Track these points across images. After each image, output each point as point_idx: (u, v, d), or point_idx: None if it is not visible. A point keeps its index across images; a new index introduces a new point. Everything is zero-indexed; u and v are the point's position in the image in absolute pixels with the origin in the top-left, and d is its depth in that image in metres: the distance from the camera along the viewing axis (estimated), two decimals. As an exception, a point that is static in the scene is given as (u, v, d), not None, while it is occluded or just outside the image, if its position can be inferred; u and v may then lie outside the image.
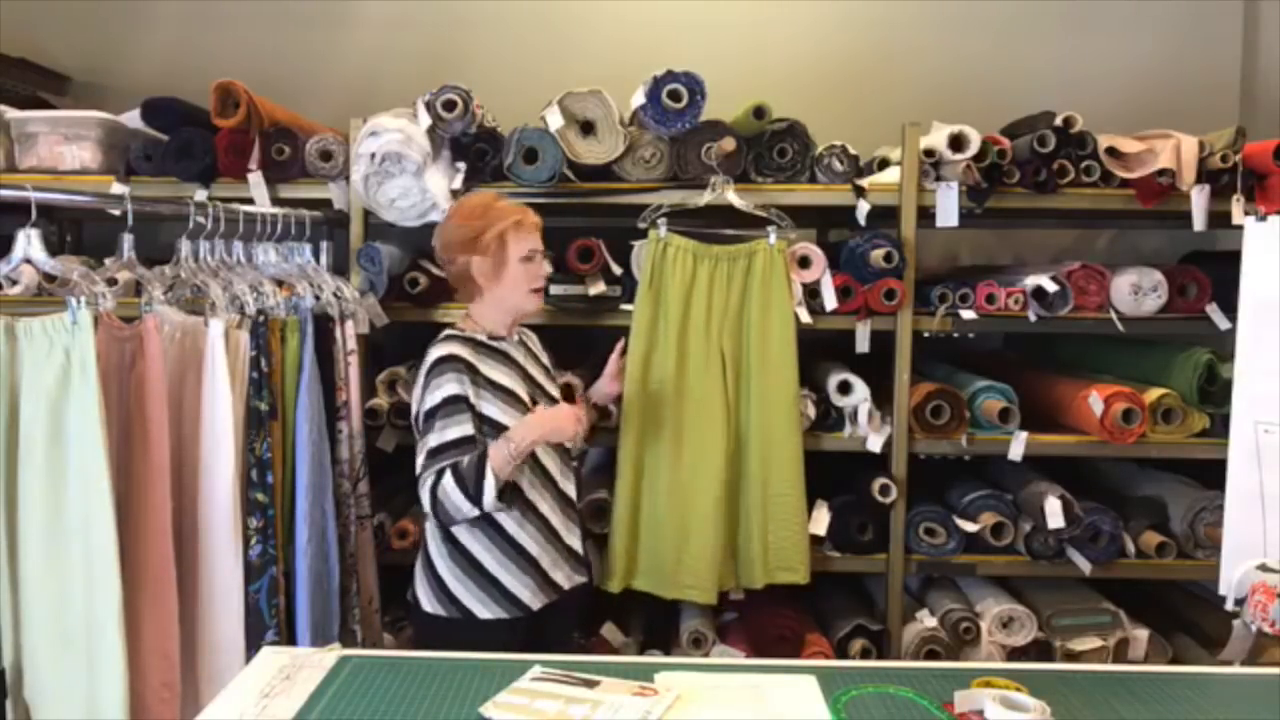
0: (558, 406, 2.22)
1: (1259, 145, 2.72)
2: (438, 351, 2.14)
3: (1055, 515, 2.74)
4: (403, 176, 2.66)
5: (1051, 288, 2.77)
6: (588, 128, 2.75)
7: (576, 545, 2.30)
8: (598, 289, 2.78)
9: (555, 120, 2.69)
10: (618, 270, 2.79)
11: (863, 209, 2.77)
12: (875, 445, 2.81)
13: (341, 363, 2.47)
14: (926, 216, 2.79)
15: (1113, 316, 2.81)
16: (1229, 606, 2.17)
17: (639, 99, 2.67)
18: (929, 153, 2.76)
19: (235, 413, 2.05)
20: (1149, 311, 2.83)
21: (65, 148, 2.80)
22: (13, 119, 2.83)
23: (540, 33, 3.54)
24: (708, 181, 2.71)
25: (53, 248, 1.94)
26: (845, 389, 2.82)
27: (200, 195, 2.70)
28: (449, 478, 2.03)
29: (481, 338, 2.21)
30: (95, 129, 2.81)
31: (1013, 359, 3.50)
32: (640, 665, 1.77)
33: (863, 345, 2.81)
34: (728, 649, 2.81)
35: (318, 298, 2.41)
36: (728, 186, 2.71)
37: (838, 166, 2.78)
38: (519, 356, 2.27)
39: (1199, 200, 2.74)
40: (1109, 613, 2.90)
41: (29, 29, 3.49)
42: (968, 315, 2.80)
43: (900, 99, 3.32)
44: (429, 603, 2.18)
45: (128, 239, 2.02)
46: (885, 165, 2.89)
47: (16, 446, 1.76)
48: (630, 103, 2.70)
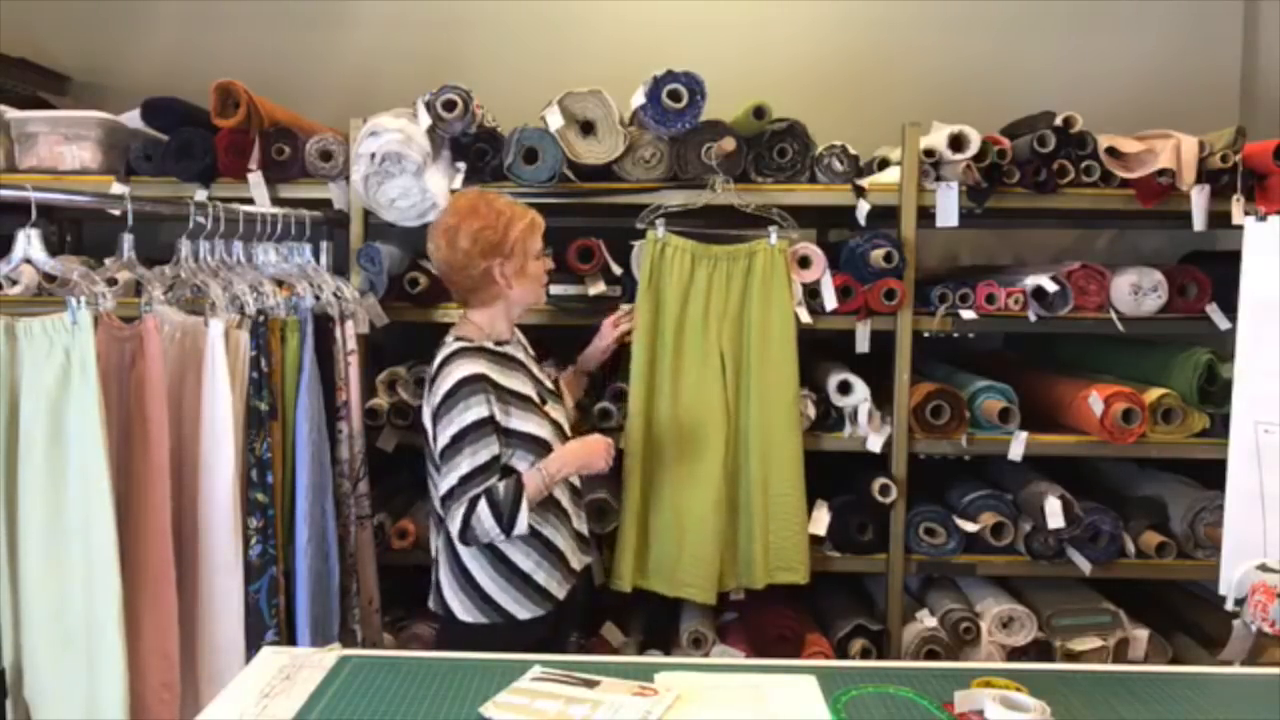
0: (592, 438, 2.23)
1: (1259, 145, 2.72)
2: (460, 370, 2.10)
3: (1055, 515, 2.74)
4: (403, 176, 2.66)
5: (1051, 288, 2.77)
6: (588, 128, 2.75)
7: (583, 528, 2.34)
8: (598, 289, 2.78)
9: (555, 120, 2.69)
10: (618, 270, 2.79)
11: (863, 209, 2.77)
12: (875, 445, 2.81)
13: (341, 363, 2.47)
14: (926, 216, 2.79)
15: (1113, 316, 2.81)
16: (1229, 606, 2.17)
17: (639, 99, 2.67)
18: (929, 153, 2.76)
19: (235, 413, 2.04)
20: (1149, 311, 2.83)
21: (65, 148, 2.79)
22: (13, 119, 2.83)
23: (540, 33, 3.54)
24: (708, 181, 2.71)
25: (53, 248, 1.95)
26: (845, 389, 2.82)
27: (200, 195, 2.70)
28: (484, 505, 2.05)
29: (490, 345, 2.21)
30: (95, 129, 2.81)
31: (1013, 359, 3.50)
32: (640, 665, 1.77)
33: (863, 345, 2.81)
34: (728, 649, 2.81)
35: (318, 298, 2.40)
36: (728, 187, 2.71)
37: (838, 166, 2.78)
38: (522, 357, 2.28)
39: (1199, 200, 2.74)
40: (1109, 613, 2.90)
41: (29, 29, 3.49)
42: (968, 315, 2.80)
43: (900, 99, 3.32)
44: (467, 613, 2.17)
45: (128, 239, 2.02)
46: (885, 165, 2.89)
47: (16, 446, 1.76)
48: (630, 103, 2.70)
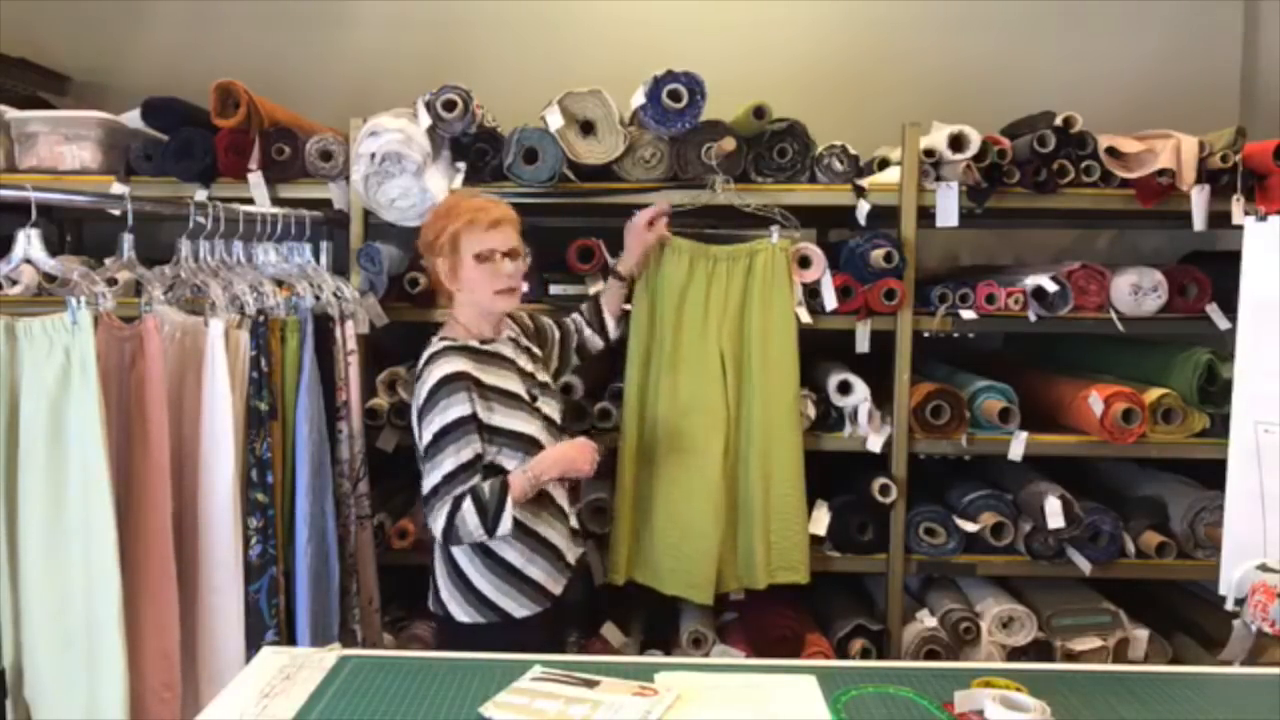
0: (578, 441, 2.23)
1: (1259, 145, 2.72)
2: (441, 369, 2.11)
3: (1055, 515, 2.74)
4: (403, 176, 2.66)
5: (1051, 288, 2.77)
6: (588, 128, 2.74)
7: (574, 522, 2.35)
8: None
9: (555, 120, 2.69)
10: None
11: (863, 209, 2.77)
12: (875, 445, 2.81)
13: (341, 363, 2.47)
14: (926, 216, 2.79)
15: (1113, 316, 2.81)
16: (1229, 606, 2.17)
17: (639, 99, 2.67)
18: (929, 153, 2.76)
19: (235, 413, 2.05)
20: (1149, 311, 2.83)
21: (65, 148, 2.79)
22: (13, 119, 2.83)
23: (540, 33, 3.54)
24: (708, 181, 2.71)
25: (53, 248, 1.94)
26: (845, 389, 2.82)
27: (200, 195, 2.70)
28: (469, 506, 2.05)
29: (474, 343, 2.20)
30: (95, 129, 2.81)
31: (1013, 359, 3.50)
32: (640, 665, 1.76)
33: (863, 345, 2.80)
34: (728, 649, 2.81)
35: (318, 298, 2.40)
36: (728, 187, 2.71)
37: (838, 166, 2.78)
38: (511, 354, 2.26)
39: (1199, 200, 2.74)
40: (1109, 613, 2.90)
41: (29, 29, 3.49)
42: (968, 315, 2.80)
43: (900, 99, 3.32)
44: (464, 613, 2.17)
45: (128, 239, 2.02)
46: (885, 165, 2.89)
47: (16, 446, 1.76)
48: (630, 103, 2.70)
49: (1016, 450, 2.80)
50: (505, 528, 2.07)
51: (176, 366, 2.02)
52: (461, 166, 2.75)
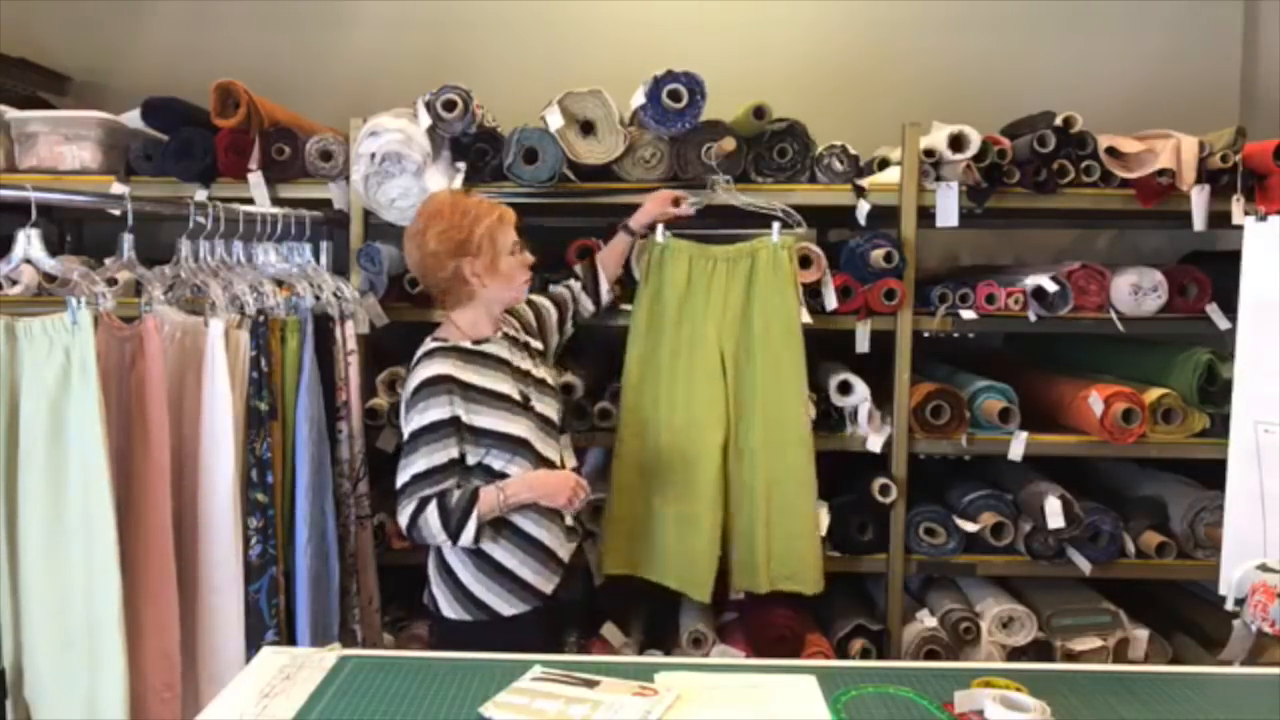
0: (563, 474, 2.22)
1: (1259, 145, 2.71)
2: (425, 371, 2.12)
3: (1055, 515, 2.74)
4: (403, 176, 2.66)
5: (1051, 288, 2.77)
6: (588, 128, 2.74)
7: (570, 520, 2.32)
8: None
9: (555, 120, 2.69)
10: (619, 273, 2.78)
11: (863, 209, 2.76)
12: (875, 445, 2.81)
13: (341, 363, 2.47)
14: (926, 216, 2.79)
15: (1113, 316, 2.81)
16: (1229, 606, 2.17)
17: (639, 99, 2.67)
18: (929, 153, 2.76)
19: (235, 413, 2.05)
20: (1149, 311, 2.83)
21: (65, 148, 2.80)
22: (13, 119, 2.83)
23: (540, 33, 3.54)
24: (708, 182, 2.71)
25: (53, 248, 1.94)
26: (845, 389, 2.82)
27: (200, 195, 2.70)
28: (433, 509, 2.06)
29: (467, 344, 2.20)
30: (95, 129, 2.81)
31: (1013, 359, 3.50)
32: (640, 665, 1.77)
33: (863, 345, 2.80)
34: (728, 649, 2.80)
35: (318, 298, 2.40)
36: (728, 187, 2.70)
37: (838, 166, 2.78)
38: (505, 354, 2.25)
39: (1199, 200, 2.74)
40: (1109, 613, 2.90)
41: (29, 29, 3.49)
42: (968, 315, 2.80)
43: (900, 99, 3.32)
44: (452, 609, 2.18)
45: (128, 239, 2.02)
46: (885, 165, 2.89)
47: (16, 446, 1.76)
48: (630, 103, 2.70)
49: (1016, 450, 2.80)
50: (468, 538, 2.08)
51: (176, 366, 2.02)
52: (461, 166, 2.75)
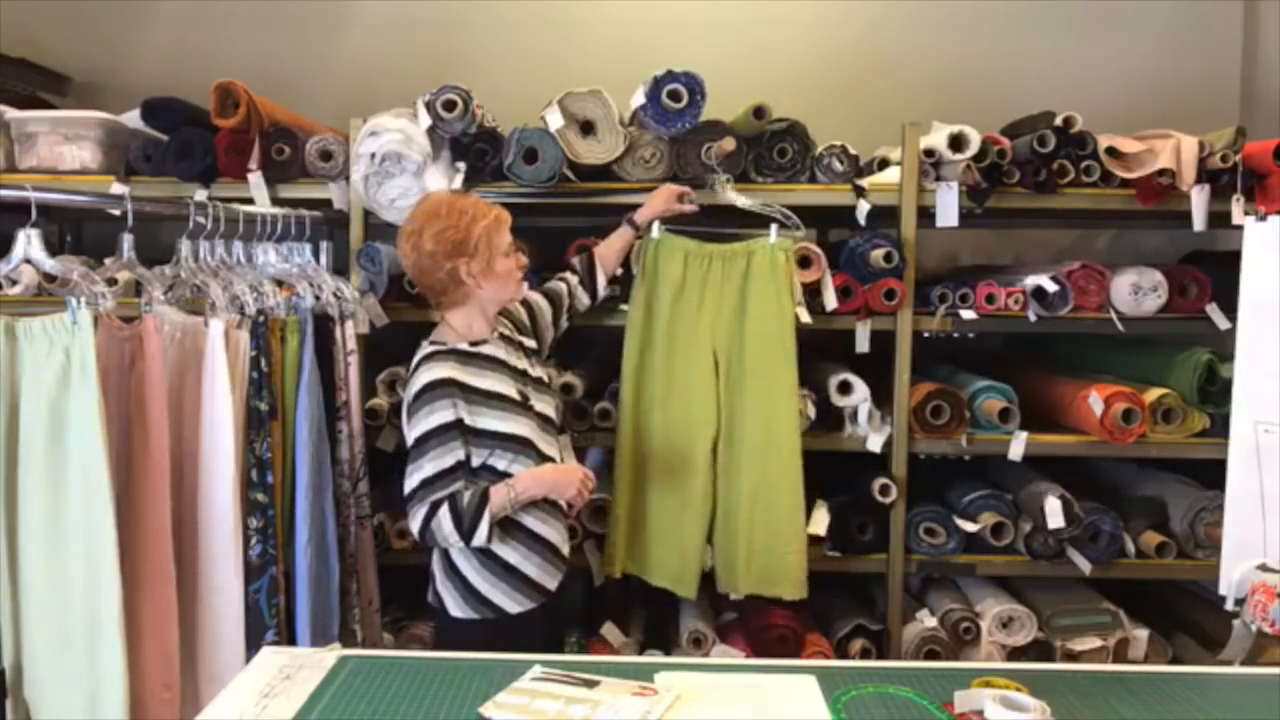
0: (570, 466, 2.24)
1: (1259, 145, 2.71)
2: (427, 374, 2.11)
3: (1055, 515, 2.74)
4: (403, 176, 2.67)
5: (1051, 288, 2.77)
6: (588, 128, 2.74)
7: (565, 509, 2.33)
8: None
9: (555, 120, 2.69)
10: (619, 270, 2.78)
11: (863, 209, 2.76)
12: (875, 445, 2.81)
13: (341, 363, 2.47)
14: (926, 216, 2.79)
15: (1113, 316, 2.81)
16: (1229, 606, 2.18)
17: (639, 99, 2.67)
18: (929, 153, 2.76)
19: (235, 413, 2.05)
20: (1149, 311, 2.83)
21: (65, 148, 2.80)
22: (13, 119, 2.83)
23: (540, 33, 3.54)
24: (708, 181, 2.71)
25: (53, 248, 1.95)
26: (845, 389, 2.82)
27: (200, 195, 2.70)
28: (445, 512, 2.06)
29: (465, 346, 2.19)
30: (95, 129, 2.81)
31: (1013, 359, 3.50)
32: (640, 665, 1.77)
33: (863, 345, 2.80)
34: (728, 649, 2.80)
35: (318, 298, 2.41)
36: (727, 186, 2.70)
37: (838, 166, 2.78)
38: (503, 354, 2.25)
39: (1199, 200, 2.74)
40: (1109, 613, 2.90)
41: (29, 29, 3.49)
42: (968, 315, 2.80)
43: (900, 99, 3.32)
44: (458, 608, 2.18)
45: (128, 239, 2.02)
46: (885, 165, 2.89)
47: (16, 446, 1.76)
48: (630, 103, 2.70)
49: (1016, 450, 2.80)
50: (481, 538, 2.08)
51: (176, 366, 2.02)
52: (461, 166, 2.75)
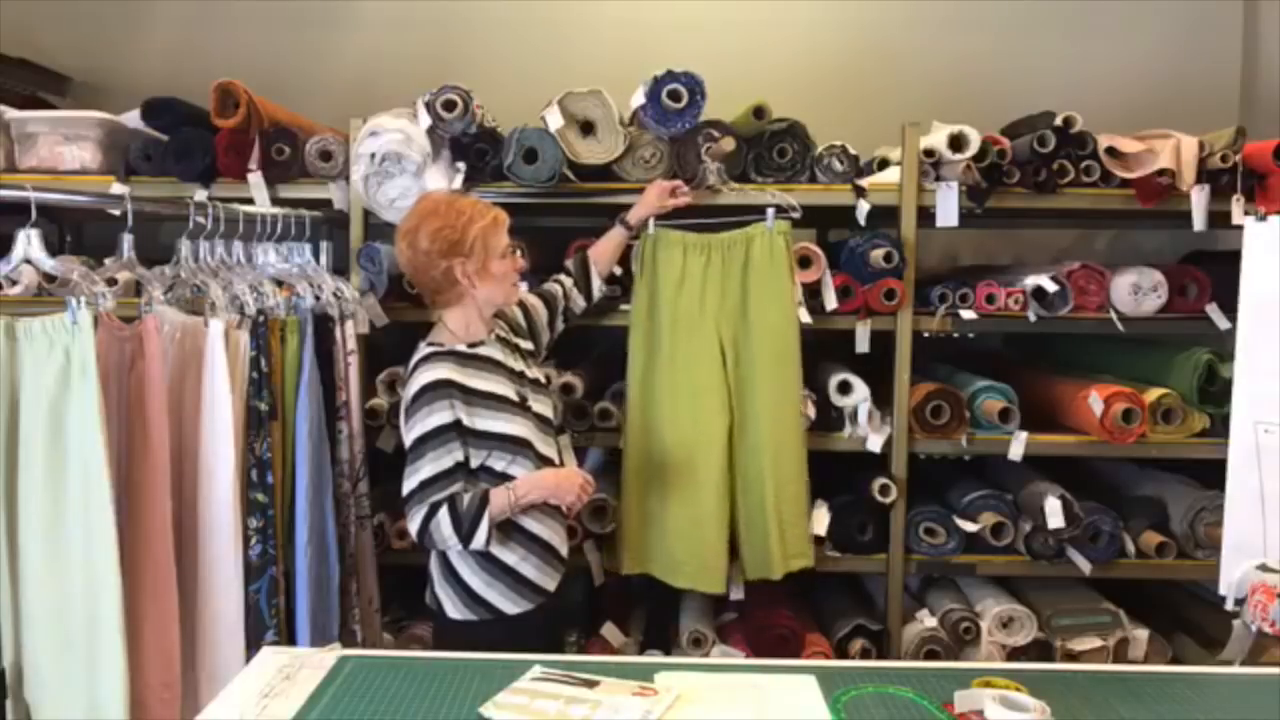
0: (570, 471, 2.24)
1: (1259, 145, 2.71)
2: (426, 376, 2.11)
3: (1055, 515, 2.74)
4: (403, 177, 2.67)
5: (1051, 288, 2.77)
6: (588, 128, 2.74)
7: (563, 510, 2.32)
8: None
9: (555, 120, 2.69)
10: (617, 270, 2.78)
11: (863, 209, 2.76)
12: (875, 445, 2.81)
13: (341, 363, 2.47)
14: (926, 216, 2.79)
15: (1113, 316, 2.81)
16: (1229, 606, 2.17)
17: (639, 99, 2.67)
18: (929, 153, 2.76)
19: (235, 413, 2.05)
20: (1149, 311, 2.83)
21: (65, 148, 2.80)
22: (13, 119, 2.83)
23: (540, 33, 3.54)
24: (700, 171, 2.69)
25: (53, 248, 1.94)
26: (845, 389, 2.82)
27: (200, 195, 2.70)
28: (445, 514, 2.06)
29: (463, 348, 2.19)
30: (95, 129, 2.81)
31: (1013, 359, 3.50)
32: (640, 665, 1.77)
33: (863, 345, 2.80)
34: (728, 649, 2.80)
35: (318, 298, 2.41)
36: (725, 184, 2.70)
37: (837, 166, 2.78)
38: (500, 355, 2.25)
39: (1199, 200, 2.74)
40: (1109, 613, 2.90)
41: (29, 29, 3.49)
42: (968, 315, 2.80)
43: (900, 99, 3.32)
44: (456, 609, 2.17)
45: (128, 239, 2.03)
46: (885, 165, 2.89)
47: (16, 446, 1.76)
48: (630, 103, 2.70)
49: (1016, 450, 2.80)
50: (480, 541, 2.07)
51: (176, 367, 2.02)
52: (461, 166, 2.75)
